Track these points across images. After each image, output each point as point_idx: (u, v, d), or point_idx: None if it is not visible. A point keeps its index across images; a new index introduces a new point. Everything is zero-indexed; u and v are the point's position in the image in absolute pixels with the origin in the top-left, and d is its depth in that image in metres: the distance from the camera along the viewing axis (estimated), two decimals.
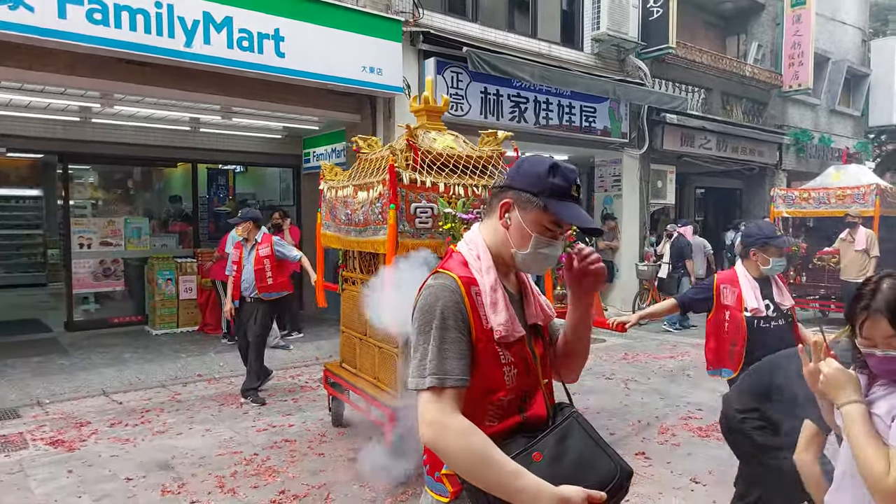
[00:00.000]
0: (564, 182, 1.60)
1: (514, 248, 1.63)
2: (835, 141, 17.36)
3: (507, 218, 1.64)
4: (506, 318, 1.58)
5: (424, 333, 1.54)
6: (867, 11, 19.26)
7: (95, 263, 9.33)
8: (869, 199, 10.06)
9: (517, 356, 1.62)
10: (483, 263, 1.63)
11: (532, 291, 1.78)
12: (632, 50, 11.68)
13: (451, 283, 1.57)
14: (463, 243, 1.70)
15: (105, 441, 5.13)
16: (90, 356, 7.82)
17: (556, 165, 1.61)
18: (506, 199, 1.64)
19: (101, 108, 7.90)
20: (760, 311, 3.67)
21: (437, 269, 1.65)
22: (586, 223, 1.62)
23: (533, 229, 1.60)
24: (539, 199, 1.59)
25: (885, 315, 1.68)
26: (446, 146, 4.66)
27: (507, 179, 1.69)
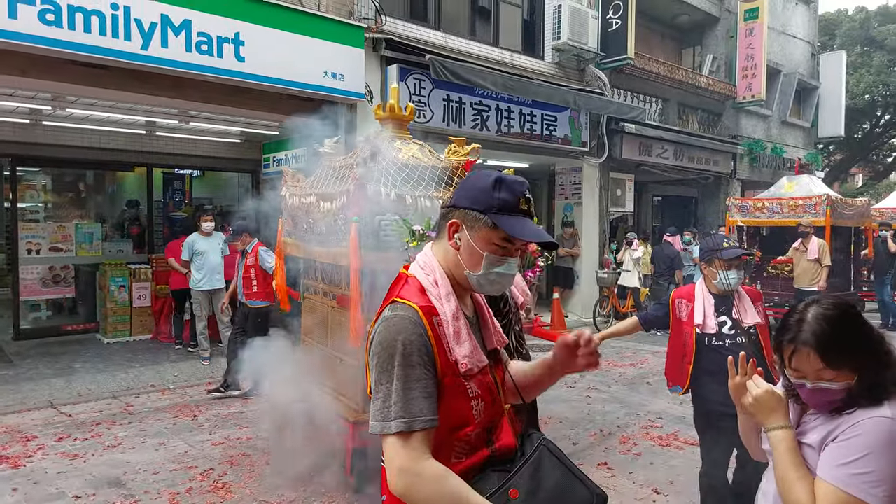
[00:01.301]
0: (511, 196, 1.52)
1: (467, 270, 1.55)
2: (787, 151, 17.91)
3: (456, 239, 1.56)
4: (470, 350, 1.50)
5: (386, 372, 1.43)
6: (816, 26, 19.94)
7: (45, 269, 9.00)
8: (820, 209, 10.39)
9: (483, 387, 1.54)
10: (442, 290, 1.54)
11: (488, 313, 1.72)
12: (591, 60, 11.84)
13: (412, 313, 1.47)
14: (417, 267, 1.60)
15: (52, 456, 4.94)
16: (37, 366, 7.54)
17: (502, 179, 1.53)
18: (453, 219, 1.57)
19: (53, 110, 7.63)
20: (708, 327, 3.49)
21: (392, 298, 1.54)
22: (539, 237, 1.55)
23: (484, 248, 1.52)
24: (486, 217, 1.51)
25: (814, 348, 1.60)
26: (412, 156, 4.62)
27: (452, 198, 1.60)
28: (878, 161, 29.99)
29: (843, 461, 1.52)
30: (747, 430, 1.93)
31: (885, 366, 1.61)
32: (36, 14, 5.62)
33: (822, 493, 1.53)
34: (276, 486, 4.42)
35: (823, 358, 1.59)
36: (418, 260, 1.62)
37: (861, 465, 1.49)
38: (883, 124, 26.15)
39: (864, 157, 28.06)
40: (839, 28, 25.51)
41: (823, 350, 1.59)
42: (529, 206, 1.57)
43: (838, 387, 1.60)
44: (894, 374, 1.60)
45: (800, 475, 1.59)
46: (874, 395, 1.57)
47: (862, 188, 31.23)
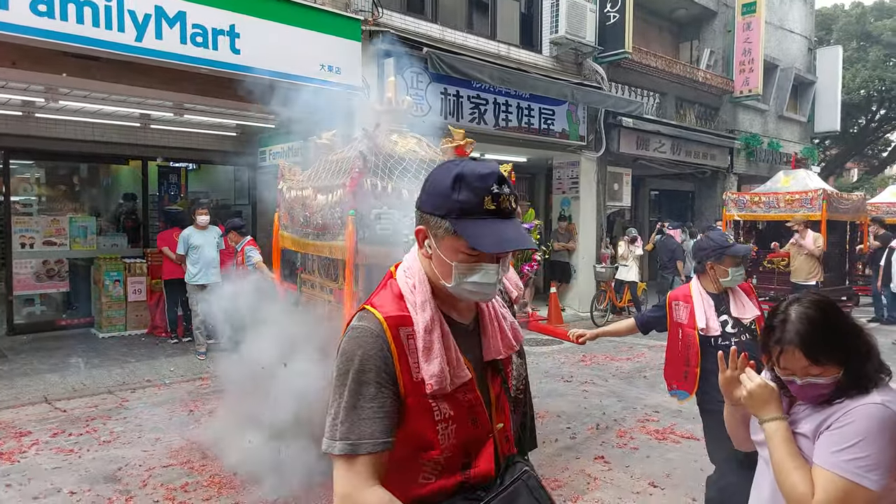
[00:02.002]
0: (473, 195, 1.29)
1: (442, 280, 1.37)
2: (783, 146, 17.91)
3: (426, 247, 1.38)
4: (439, 369, 1.32)
5: (340, 387, 1.32)
6: (813, 21, 19.92)
7: (38, 264, 8.94)
8: (816, 203, 10.40)
9: (459, 406, 1.37)
10: (418, 297, 1.38)
11: (496, 319, 1.50)
12: (589, 54, 11.80)
13: (376, 326, 1.33)
14: (401, 269, 1.45)
15: (47, 452, 4.89)
16: (32, 361, 7.49)
17: (461, 175, 1.30)
18: (419, 225, 1.40)
19: (46, 102, 7.56)
20: (712, 330, 3.40)
21: (364, 305, 1.41)
22: (502, 246, 1.29)
23: (451, 257, 1.33)
24: (447, 222, 1.31)
25: (799, 347, 1.67)
26: (409, 149, 4.58)
27: (419, 200, 1.40)
28: (873, 156, 30.07)
29: (837, 448, 1.58)
30: (733, 421, 2.02)
31: (867, 357, 1.69)
32: (28, 4, 5.54)
33: (820, 479, 1.59)
34: (275, 482, 4.39)
35: (809, 356, 1.66)
36: (404, 261, 1.47)
37: (855, 451, 1.56)
38: (878, 119, 26.22)
39: (859, 151, 28.13)
40: (835, 23, 25.53)
41: (808, 349, 1.66)
42: (501, 202, 1.32)
43: (826, 381, 1.67)
44: (876, 362, 1.69)
45: (797, 464, 1.64)
46: (862, 385, 1.65)
47: (857, 183, 31.33)
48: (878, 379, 1.66)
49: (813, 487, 1.59)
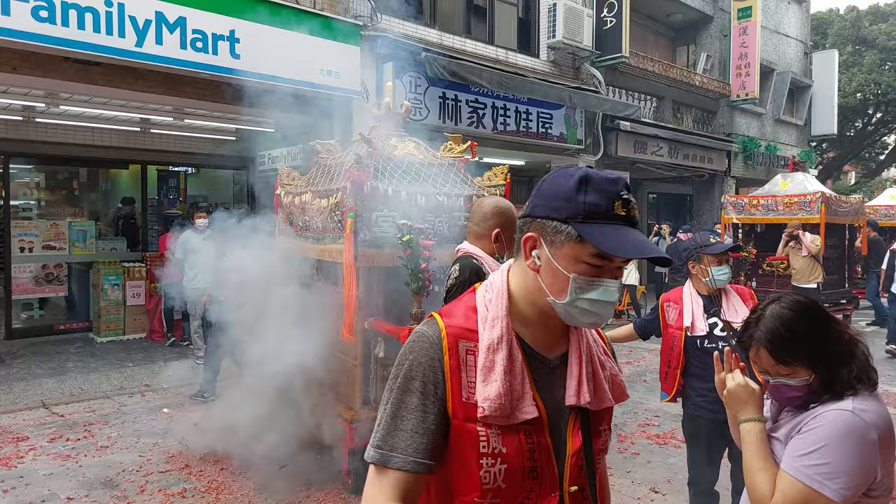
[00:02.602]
0: (602, 198, 1.17)
1: (551, 297, 1.20)
2: (780, 149, 17.96)
3: (534, 258, 1.22)
4: (496, 392, 1.17)
5: (388, 391, 1.23)
6: (808, 25, 20.00)
7: (37, 268, 8.93)
8: (815, 206, 10.40)
9: (515, 447, 1.18)
10: (491, 312, 1.25)
11: (590, 362, 1.30)
12: (586, 58, 11.84)
13: (434, 334, 1.22)
14: (483, 284, 1.33)
15: (44, 457, 4.89)
16: (29, 366, 7.48)
17: (588, 177, 1.19)
18: (528, 232, 1.23)
19: (47, 107, 7.57)
20: (697, 329, 3.34)
21: (433, 313, 1.31)
22: (643, 251, 1.16)
23: (570, 269, 1.17)
24: (570, 227, 1.17)
25: (764, 345, 1.66)
26: (407, 153, 4.59)
27: (528, 205, 1.26)
28: (870, 159, 30.15)
29: (800, 452, 1.56)
30: (731, 421, 1.99)
31: (841, 363, 1.63)
32: (29, 10, 5.57)
33: (781, 482, 1.58)
34: (271, 486, 4.39)
35: (773, 355, 1.65)
36: (491, 276, 1.34)
37: (817, 457, 1.53)
38: (875, 122, 26.30)
39: (856, 154, 28.21)
40: (831, 27, 25.64)
41: (773, 347, 1.65)
42: (629, 209, 1.20)
43: (796, 383, 1.65)
44: (855, 370, 1.62)
45: (763, 466, 1.64)
46: (835, 391, 1.60)
47: (854, 186, 31.41)
48: (855, 386, 1.60)
49: (773, 489, 1.59)
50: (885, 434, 1.55)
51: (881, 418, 1.56)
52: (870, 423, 1.53)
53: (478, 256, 2.82)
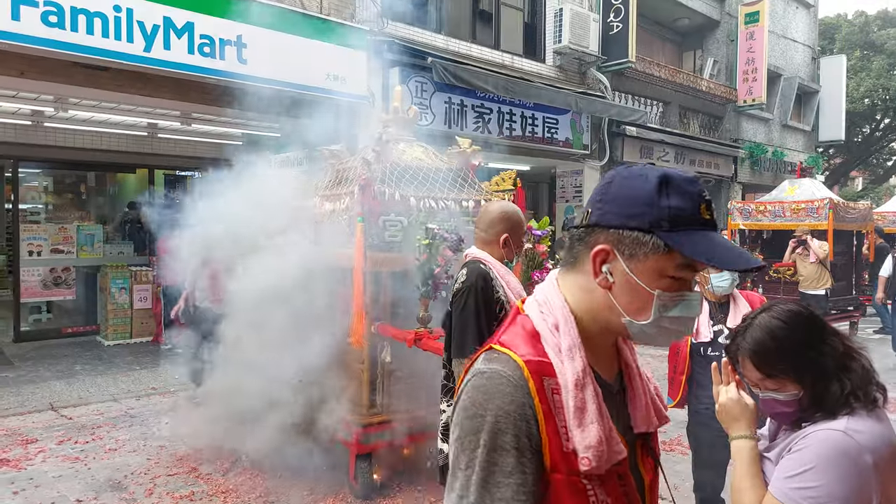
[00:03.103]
0: (686, 201, 1.03)
1: (628, 317, 1.05)
2: (787, 155, 17.92)
3: (605, 274, 1.05)
4: (597, 438, 1.00)
5: (467, 452, 1.00)
6: (816, 30, 19.96)
7: (45, 271, 8.98)
8: (822, 212, 10.37)
9: (617, 495, 1.05)
10: (563, 339, 1.05)
11: (640, 376, 1.19)
12: (593, 63, 11.85)
13: (514, 371, 1.01)
14: (533, 303, 1.13)
15: (53, 459, 4.91)
16: (38, 368, 7.51)
17: (668, 178, 1.04)
18: (600, 245, 1.05)
19: (55, 112, 7.63)
20: (701, 335, 3.34)
21: (490, 344, 1.09)
22: (749, 261, 1.05)
23: (653, 284, 1.03)
24: (655, 237, 1.02)
25: (749, 357, 1.58)
26: (415, 157, 4.62)
27: (594, 212, 1.08)
28: (877, 165, 30.02)
29: (788, 474, 1.47)
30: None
31: (833, 378, 1.52)
32: (39, 15, 5.62)
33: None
34: (279, 490, 4.40)
35: (758, 367, 1.57)
36: (537, 294, 1.14)
37: (805, 479, 1.42)
38: (883, 128, 26.18)
39: (863, 160, 28.09)
40: (839, 32, 25.56)
41: (758, 359, 1.56)
42: (712, 212, 1.07)
43: (785, 398, 1.55)
44: (849, 386, 1.51)
45: (751, 485, 1.55)
46: (828, 408, 1.50)
47: (862, 192, 31.26)
48: (851, 403, 1.48)
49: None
50: (882, 458, 1.41)
51: (880, 440, 1.43)
52: (863, 445, 1.41)
53: (485, 261, 2.85)
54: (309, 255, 4.42)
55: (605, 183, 1.09)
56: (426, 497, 4.30)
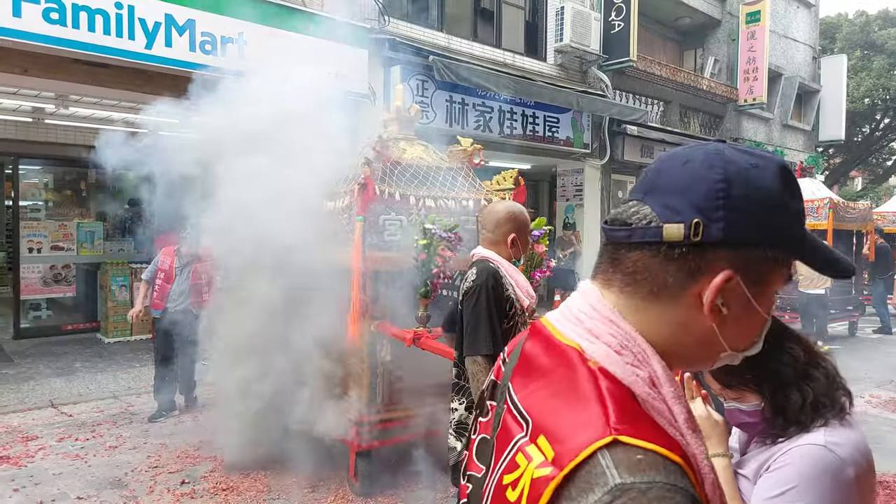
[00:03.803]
0: (801, 200, 0.82)
1: (731, 349, 0.82)
2: (787, 154, 17.92)
3: (719, 305, 0.77)
4: None
5: None
6: (817, 30, 19.95)
7: (45, 268, 8.98)
8: (822, 212, 10.38)
9: None
10: (675, 406, 0.77)
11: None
12: (594, 62, 11.85)
13: (680, 479, 0.67)
14: (598, 344, 0.78)
15: (54, 456, 4.91)
16: (38, 365, 7.52)
17: (786, 169, 0.80)
18: (725, 272, 0.76)
19: (56, 108, 7.62)
20: None
21: (615, 436, 0.68)
22: (847, 265, 0.83)
23: (768, 308, 0.82)
24: (782, 252, 0.79)
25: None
26: (416, 156, 4.62)
27: (714, 222, 0.75)
28: (877, 164, 30.02)
29: (769, 494, 1.37)
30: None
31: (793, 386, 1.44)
32: (40, 12, 5.62)
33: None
34: (279, 487, 4.41)
35: (717, 378, 1.50)
36: (590, 326, 0.80)
37: (787, 499, 1.34)
38: (883, 128, 26.18)
39: (863, 160, 28.10)
40: (839, 32, 25.55)
41: (715, 371, 1.48)
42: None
43: (748, 408, 1.48)
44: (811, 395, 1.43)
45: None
46: (792, 418, 1.43)
47: (861, 192, 31.26)
48: (820, 414, 1.41)
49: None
50: (863, 470, 1.35)
51: (858, 451, 1.36)
52: (845, 458, 1.34)
53: (494, 260, 2.86)
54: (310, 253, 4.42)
55: (715, 179, 0.76)
56: (426, 495, 4.31)
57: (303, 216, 4.27)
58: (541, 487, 0.68)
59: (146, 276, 6.18)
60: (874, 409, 6.88)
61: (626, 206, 0.82)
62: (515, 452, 0.75)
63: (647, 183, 0.82)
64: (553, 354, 0.81)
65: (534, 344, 0.85)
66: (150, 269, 6.17)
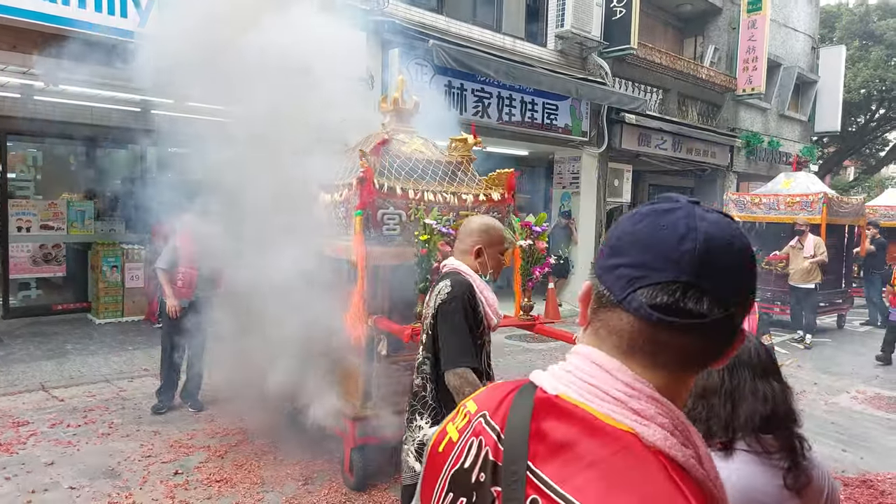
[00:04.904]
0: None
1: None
2: (783, 145, 17.92)
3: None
4: None
5: None
6: (817, 19, 19.84)
7: (35, 248, 8.87)
8: (816, 207, 10.41)
9: None
10: (721, 488, 0.80)
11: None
12: (594, 48, 11.73)
13: None
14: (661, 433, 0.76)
15: (45, 443, 4.87)
16: (28, 347, 7.45)
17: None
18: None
19: (46, 85, 7.46)
20: None
21: None
22: None
23: None
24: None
25: None
26: (415, 149, 4.55)
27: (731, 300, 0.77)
28: (870, 155, 30.07)
29: None
30: None
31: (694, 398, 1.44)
32: None
33: None
34: (273, 479, 4.40)
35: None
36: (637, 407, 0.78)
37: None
38: (878, 119, 26.18)
39: (857, 150, 28.14)
40: (839, 21, 25.42)
41: None
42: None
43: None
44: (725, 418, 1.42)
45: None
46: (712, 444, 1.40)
47: (854, 182, 31.37)
48: (727, 440, 1.40)
49: None
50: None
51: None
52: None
53: (463, 272, 2.77)
54: (308, 247, 4.37)
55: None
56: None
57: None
58: None
59: (167, 266, 5.66)
60: (859, 405, 6.95)
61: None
62: None
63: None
64: (603, 441, 0.75)
65: (560, 425, 0.79)
66: (168, 257, 5.67)
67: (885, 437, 5.91)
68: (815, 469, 1.43)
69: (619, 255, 0.79)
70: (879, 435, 5.96)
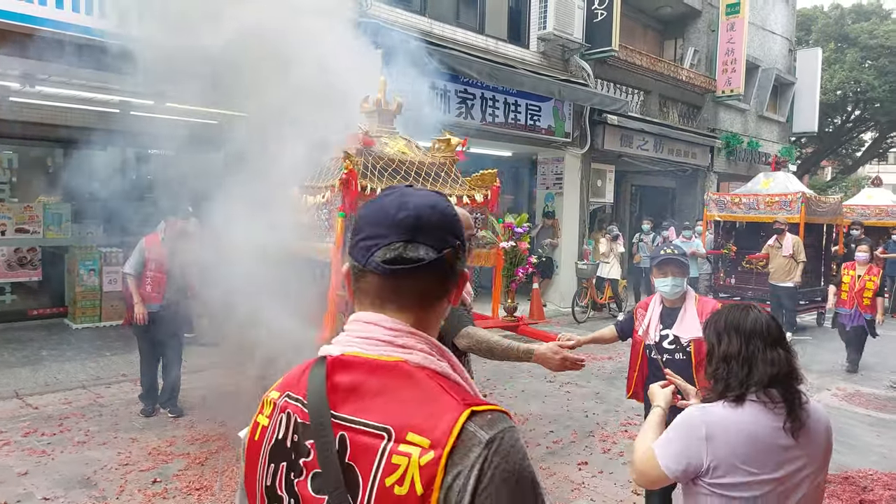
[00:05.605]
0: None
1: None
2: (762, 145, 18.11)
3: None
4: None
5: None
6: (794, 22, 20.10)
7: (10, 251, 8.68)
8: (795, 206, 10.51)
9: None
10: (470, 381, 1.06)
11: None
12: (576, 50, 11.77)
13: (514, 425, 0.96)
14: (421, 356, 1.00)
15: (19, 452, 4.75)
16: (2, 353, 7.29)
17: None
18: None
19: (22, 87, 7.31)
20: (648, 337, 3.47)
21: (469, 407, 0.92)
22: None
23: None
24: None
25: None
26: (398, 151, 4.51)
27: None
28: (847, 155, 30.54)
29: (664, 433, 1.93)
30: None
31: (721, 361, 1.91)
32: None
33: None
34: None
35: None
36: (402, 342, 1.01)
37: (666, 435, 1.89)
38: (853, 120, 26.60)
39: (833, 150, 28.55)
40: (815, 24, 25.79)
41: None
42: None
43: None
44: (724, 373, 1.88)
45: (652, 435, 2.01)
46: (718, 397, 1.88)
47: (831, 181, 31.83)
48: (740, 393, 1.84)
49: (642, 453, 1.93)
50: (716, 433, 1.77)
51: (721, 421, 1.80)
52: (704, 420, 1.81)
53: None
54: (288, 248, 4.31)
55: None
56: None
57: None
58: (431, 468, 0.86)
59: (132, 270, 5.65)
60: (840, 401, 7.02)
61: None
62: (388, 457, 0.89)
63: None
64: (382, 374, 0.96)
65: (348, 374, 0.97)
66: (135, 261, 5.65)
67: (866, 434, 5.96)
68: (810, 417, 1.85)
69: (359, 233, 1.02)
70: (860, 432, 6.01)
